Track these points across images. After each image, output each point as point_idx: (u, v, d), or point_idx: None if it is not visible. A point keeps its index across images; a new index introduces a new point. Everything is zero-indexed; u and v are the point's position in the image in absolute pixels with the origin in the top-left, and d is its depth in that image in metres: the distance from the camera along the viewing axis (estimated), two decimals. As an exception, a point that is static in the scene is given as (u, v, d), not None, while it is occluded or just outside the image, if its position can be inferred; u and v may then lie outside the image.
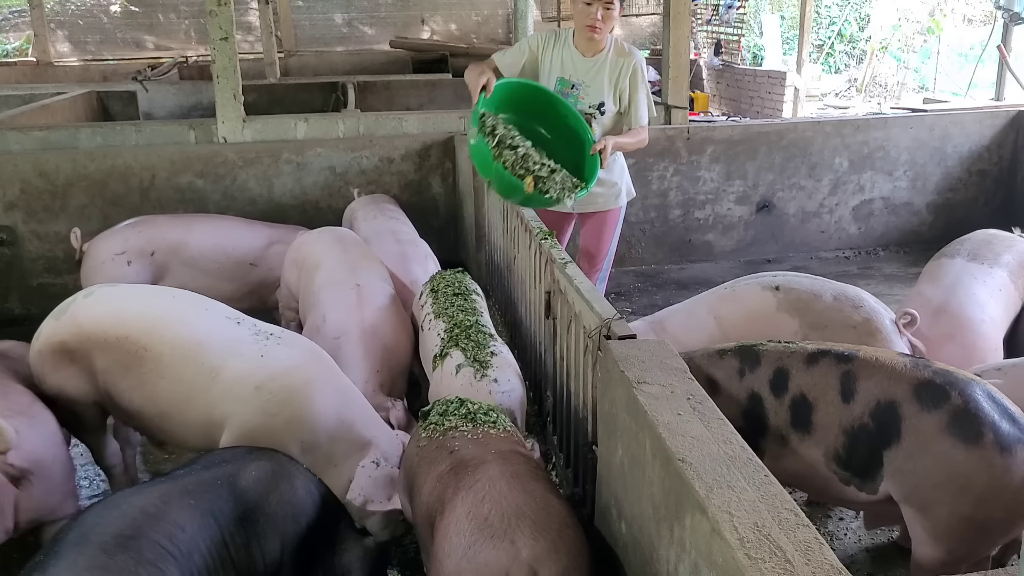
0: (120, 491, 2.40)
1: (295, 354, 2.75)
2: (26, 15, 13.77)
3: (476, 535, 1.93)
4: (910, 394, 2.26)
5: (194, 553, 2.06)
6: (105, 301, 2.81)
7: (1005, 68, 8.07)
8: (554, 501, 2.06)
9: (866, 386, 2.33)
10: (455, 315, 3.30)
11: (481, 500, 2.00)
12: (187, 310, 2.82)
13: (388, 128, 5.81)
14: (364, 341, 3.30)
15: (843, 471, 2.38)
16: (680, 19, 5.82)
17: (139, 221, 4.32)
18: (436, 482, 2.19)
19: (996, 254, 3.62)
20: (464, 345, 3.09)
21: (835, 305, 3.10)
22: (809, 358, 2.45)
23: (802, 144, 6.15)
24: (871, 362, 2.37)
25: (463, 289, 3.53)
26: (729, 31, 12.86)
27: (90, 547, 1.93)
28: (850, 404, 2.34)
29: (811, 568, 1.36)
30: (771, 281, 3.25)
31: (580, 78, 3.68)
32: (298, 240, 4.01)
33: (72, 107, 7.69)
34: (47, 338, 2.78)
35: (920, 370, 2.31)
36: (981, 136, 6.43)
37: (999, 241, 3.74)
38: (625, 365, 2.07)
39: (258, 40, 11.98)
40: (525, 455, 2.30)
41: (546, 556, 1.89)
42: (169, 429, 2.77)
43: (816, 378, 2.41)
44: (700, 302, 3.39)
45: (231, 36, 5.15)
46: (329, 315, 3.41)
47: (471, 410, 2.47)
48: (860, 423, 2.31)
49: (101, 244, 4.11)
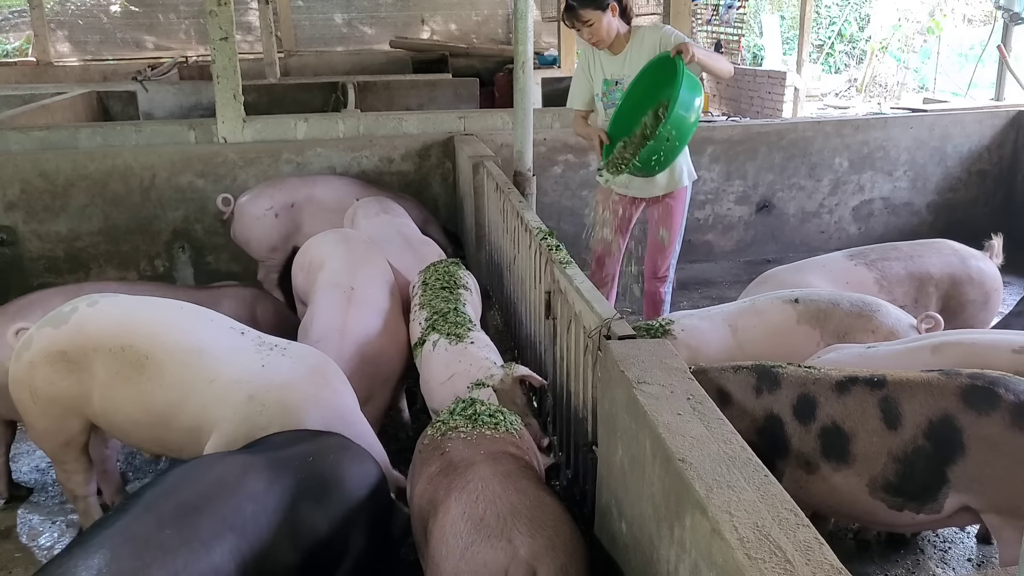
0: (205, 457, 2.35)
1: (296, 368, 2.68)
2: (26, 15, 13.78)
3: (473, 536, 1.93)
4: (961, 404, 2.23)
5: (261, 528, 2.06)
6: (112, 310, 2.75)
7: (1005, 68, 8.06)
8: (547, 498, 2.08)
9: (911, 408, 2.28)
10: (437, 305, 3.36)
11: (475, 500, 2.00)
12: (191, 319, 2.78)
13: (388, 128, 5.82)
14: (341, 348, 3.21)
15: (894, 498, 2.32)
16: (680, 19, 5.83)
17: (276, 182, 5.07)
18: (427, 483, 2.21)
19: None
20: (440, 326, 3.20)
21: (854, 311, 3.12)
22: (839, 386, 2.38)
23: (802, 144, 6.15)
24: (906, 383, 2.33)
25: (451, 283, 3.56)
26: (729, 31, 12.86)
27: (149, 515, 1.94)
28: (898, 430, 2.28)
29: (811, 568, 1.36)
30: (789, 295, 3.27)
31: (618, 73, 3.92)
32: (306, 243, 4.02)
33: (72, 107, 7.69)
34: (44, 348, 2.67)
35: (958, 379, 2.29)
36: (981, 136, 6.42)
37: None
38: (625, 365, 2.07)
39: (258, 40, 11.98)
40: (515, 455, 2.29)
41: (544, 553, 1.91)
42: (162, 437, 2.71)
43: (850, 407, 2.34)
44: (717, 313, 3.33)
45: (231, 36, 5.16)
46: (316, 318, 3.37)
47: (477, 411, 2.47)
48: (914, 446, 2.26)
49: (251, 203, 4.92)
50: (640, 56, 3.81)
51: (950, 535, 3.00)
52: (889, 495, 2.32)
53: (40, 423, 2.75)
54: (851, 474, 2.33)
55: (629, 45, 3.86)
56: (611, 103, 3.93)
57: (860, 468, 2.32)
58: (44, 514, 3.27)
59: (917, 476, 2.27)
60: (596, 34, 3.77)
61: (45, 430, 2.77)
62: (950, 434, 2.23)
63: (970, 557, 2.91)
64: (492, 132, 5.71)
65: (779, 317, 3.17)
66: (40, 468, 3.58)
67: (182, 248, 5.35)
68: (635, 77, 3.76)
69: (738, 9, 12.60)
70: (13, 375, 2.74)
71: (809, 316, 3.13)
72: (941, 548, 2.96)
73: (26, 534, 3.14)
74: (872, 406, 2.31)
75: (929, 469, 2.25)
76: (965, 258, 3.76)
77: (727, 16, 12.72)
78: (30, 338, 2.72)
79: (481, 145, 5.16)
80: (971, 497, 2.26)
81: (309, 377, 2.69)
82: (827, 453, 2.35)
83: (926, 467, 2.25)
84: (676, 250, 4.19)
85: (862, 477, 2.33)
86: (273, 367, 2.65)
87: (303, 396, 2.62)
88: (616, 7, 3.76)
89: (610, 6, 3.72)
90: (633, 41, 3.86)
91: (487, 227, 4.61)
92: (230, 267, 5.41)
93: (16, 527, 3.22)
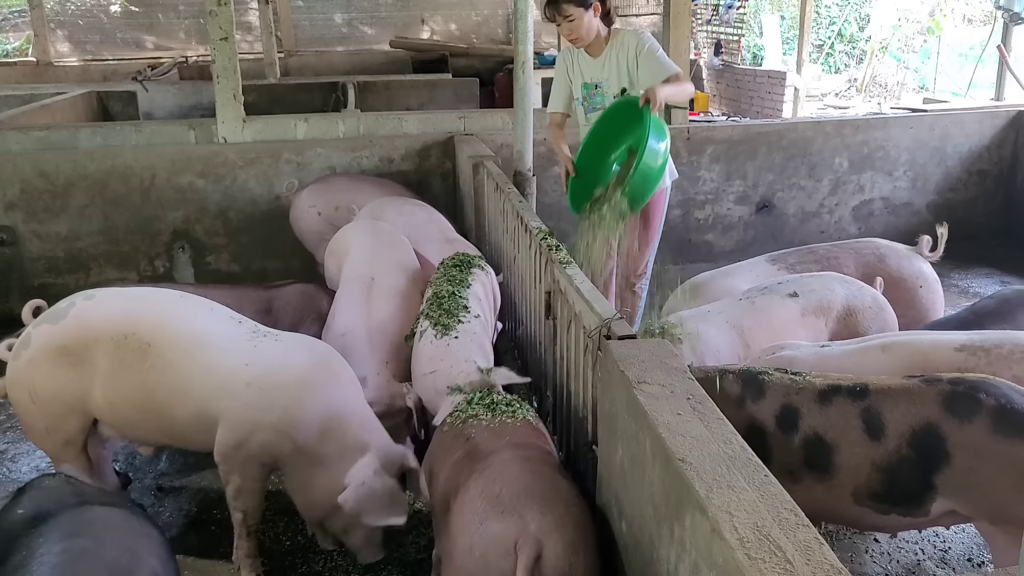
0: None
1: (291, 353, 2.73)
2: (26, 15, 13.76)
3: (488, 511, 2.03)
4: (942, 412, 2.23)
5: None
6: (111, 301, 2.78)
7: (1005, 68, 8.06)
8: (562, 482, 2.17)
9: (893, 418, 2.28)
10: (441, 285, 3.40)
11: (493, 481, 2.10)
12: (190, 309, 2.81)
13: (388, 128, 5.82)
14: (370, 337, 3.32)
15: (880, 504, 2.32)
16: (680, 19, 5.82)
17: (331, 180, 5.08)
18: (451, 469, 2.29)
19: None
20: (433, 312, 3.22)
21: (849, 293, 3.27)
22: (820, 396, 2.38)
23: (802, 144, 6.15)
24: (887, 392, 2.33)
25: (464, 263, 3.62)
26: (729, 31, 12.85)
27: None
28: (881, 440, 2.28)
29: (811, 568, 1.36)
30: (785, 289, 3.34)
31: (598, 77, 3.91)
32: (337, 233, 4.09)
33: (72, 107, 7.69)
34: (44, 344, 2.68)
35: (938, 385, 2.29)
36: (981, 136, 6.42)
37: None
38: (625, 365, 2.07)
39: (258, 40, 11.96)
40: (539, 444, 2.37)
41: (553, 529, 1.98)
42: (168, 426, 2.73)
43: (832, 418, 2.34)
44: (719, 316, 3.36)
45: (231, 36, 5.16)
46: (339, 311, 3.47)
47: (495, 400, 2.55)
48: (898, 456, 2.26)
49: (301, 198, 4.96)
50: (620, 61, 3.81)
51: (950, 535, 3.00)
52: (875, 502, 2.33)
53: (40, 423, 2.76)
54: (834, 485, 2.34)
55: (608, 48, 3.84)
56: (591, 107, 3.93)
57: (844, 479, 2.32)
58: (44, 514, 3.27)
59: (902, 484, 2.27)
60: (576, 31, 3.74)
61: (45, 429, 2.78)
62: (934, 442, 2.22)
63: (970, 557, 2.91)
64: (492, 132, 5.71)
65: (783, 312, 3.22)
66: (40, 468, 3.58)
67: (182, 248, 5.34)
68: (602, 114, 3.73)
69: (738, 9, 12.59)
70: (11, 375, 2.74)
71: (812, 307, 3.22)
72: (941, 548, 2.96)
73: (26, 534, 3.13)
74: (854, 417, 2.32)
75: (913, 478, 2.25)
76: (884, 257, 3.78)
77: (727, 16, 12.70)
78: (28, 336, 2.72)
79: (481, 145, 5.16)
80: (959, 503, 2.26)
81: (304, 360, 2.72)
82: (810, 464, 2.35)
83: (911, 477, 2.26)
84: (655, 248, 4.25)
85: (845, 488, 2.33)
86: (266, 353, 2.69)
87: (298, 377, 2.66)
88: (599, 7, 3.74)
89: (593, 5, 3.70)
90: (612, 45, 3.84)
91: (487, 227, 4.61)
92: (230, 267, 5.41)
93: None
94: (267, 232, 5.38)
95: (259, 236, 5.39)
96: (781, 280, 3.48)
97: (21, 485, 2.30)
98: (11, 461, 3.64)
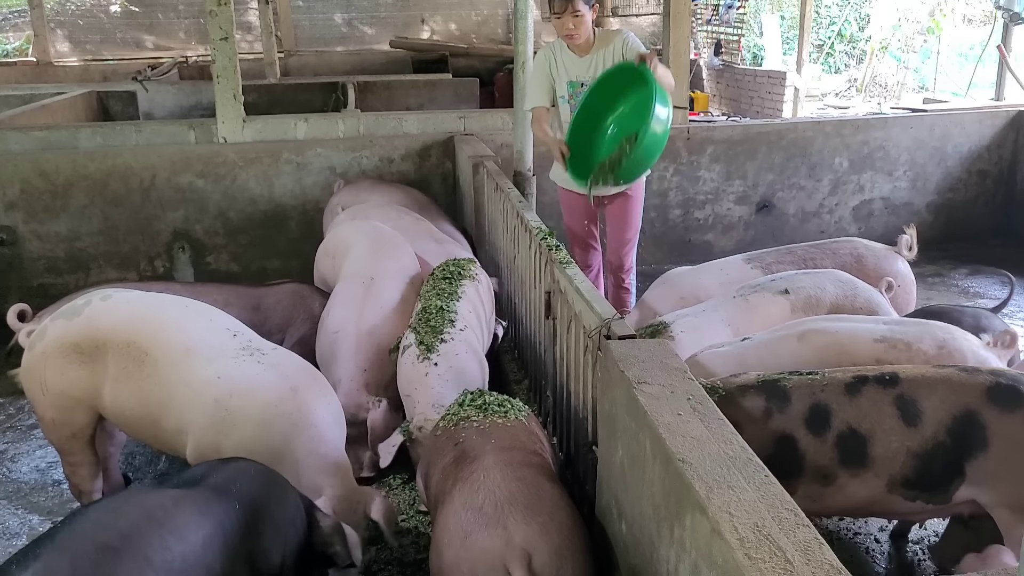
0: (132, 489, 2.31)
1: (264, 378, 2.63)
2: (26, 15, 13.75)
3: (471, 524, 2.02)
4: (985, 400, 2.25)
5: (190, 567, 1.94)
6: (123, 306, 2.77)
7: (1005, 68, 8.06)
8: (546, 484, 2.15)
9: (931, 404, 2.28)
10: (430, 299, 3.38)
11: (476, 490, 2.09)
12: (189, 318, 2.79)
13: (388, 128, 5.82)
14: (358, 339, 3.32)
15: (910, 491, 2.33)
16: (680, 19, 5.82)
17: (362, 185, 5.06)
18: (441, 474, 2.29)
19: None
20: (419, 328, 3.21)
21: (840, 292, 3.29)
22: (848, 388, 2.35)
23: (802, 144, 6.15)
24: (922, 379, 2.33)
25: (455, 274, 3.59)
26: (729, 31, 12.84)
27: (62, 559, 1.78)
28: (918, 427, 2.28)
29: (811, 568, 1.36)
30: (777, 286, 3.36)
31: (584, 76, 3.97)
32: (333, 231, 4.06)
33: (72, 107, 7.68)
34: (57, 339, 2.70)
35: (980, 375, 2.32)
36: (981, 136, 6.42)
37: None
38: (625, 365, 2.07)
39: (258, 40, 11.96)
40: (527, 446, 2.36)
41: (538, 537, 1.98)
42: (159, 435, 2.73)
43: (865, 408, 2.32)
44: (714, 314, 3.36)
45: (231, 36, 5.15)
46: (334, 307, 3.48)
47: (487, 401, 2.54)
48: (935, 442, 2.27)
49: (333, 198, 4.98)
50: (607, 60, 3.90)
51: (950, 535, 3.00)
52: (906, 490, 2.33)
53: (48, 413, 2.79)
54: (870, 477, 2.33)
55: (595, 48, 3.94)
56: (577, 105, 3.96)
57: (880, 469, 2.32)
58: (44, 514, 3.27)
59: (934, 471, 2.29)
60: (579, 27, 3.83)
61: (53, 420, 2.81)
62: (972, 430, 2.25)
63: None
64: (492, 132, 5.71)
65: (775, 309, 3.25)
66: (40, 468, 3.58)
67: (182, 248, 5.34)
68: (592, 85, 3.80)
69: (738, 9, 12.58)
70: (25, 365, 2.79)
71: (803, 304, 3.24)
72: (941, 548, 2.95)
73: (26, 534, 3.13)
74: (887, 404, 2.31)
75: (946, 464, 2.27)
76: (862, 257, 3.79)
77: (727, 16, 12.70)
78: (44, 329, 2.77)
79: (481, 145, 5.16)
80: (982, 491, 2.28)
81: (275, 385, 2.62)
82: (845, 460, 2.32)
83: (944, 462, 2.27)
84: (636, 240, 4.31)
85: (881, 478, 2.32)
86: (242, 372, 2.62)
87: (261, 409, 2.57)
88: (598, 8, 3.92)
89: (594, 6, 3.86)
90: (599, 44, 3.94)
91: (487, 227, 4.61)
92: (230, 267, 5.41)
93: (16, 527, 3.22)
94: (267, 232, 5.38)
95: (259, 236, 5.39)
96: (775, 277, 3.48)
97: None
98: (11, 461, 3.64)
